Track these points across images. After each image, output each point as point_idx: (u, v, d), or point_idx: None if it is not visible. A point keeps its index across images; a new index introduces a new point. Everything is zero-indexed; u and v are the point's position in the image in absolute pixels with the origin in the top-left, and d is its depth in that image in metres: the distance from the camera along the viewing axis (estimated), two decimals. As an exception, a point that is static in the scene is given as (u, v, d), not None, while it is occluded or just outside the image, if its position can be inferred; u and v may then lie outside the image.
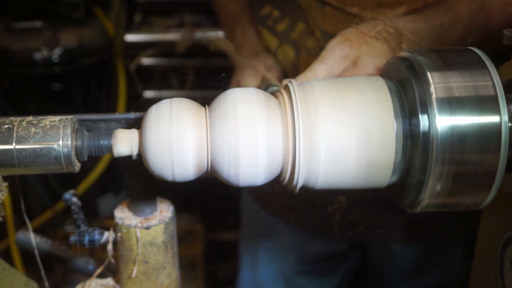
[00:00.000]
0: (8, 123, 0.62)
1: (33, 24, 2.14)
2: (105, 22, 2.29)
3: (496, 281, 0.74)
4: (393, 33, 0.79)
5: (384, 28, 0.79)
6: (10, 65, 2.10)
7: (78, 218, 0.80)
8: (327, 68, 0.75)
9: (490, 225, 0.77)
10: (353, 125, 0.59)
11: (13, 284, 0.76)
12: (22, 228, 0.85)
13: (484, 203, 0.61)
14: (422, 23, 0.82)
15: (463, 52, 0.61)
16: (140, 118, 0.66)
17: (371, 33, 0.78)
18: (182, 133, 0.60)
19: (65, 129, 0.62)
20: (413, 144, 0.59)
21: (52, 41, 2.10)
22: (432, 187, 0.58)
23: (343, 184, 0.62)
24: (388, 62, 0.68)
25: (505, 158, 0.57)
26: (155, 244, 0.77)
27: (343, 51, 0.77)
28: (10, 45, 2.10)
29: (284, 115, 0.62)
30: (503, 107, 0.56)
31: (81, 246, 0.78)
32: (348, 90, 0.61)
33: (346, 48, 0.77)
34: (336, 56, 0.76)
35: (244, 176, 0.61)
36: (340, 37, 0.78)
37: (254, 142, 0.59)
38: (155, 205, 0.79)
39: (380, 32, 0.79)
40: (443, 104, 0.56)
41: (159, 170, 0.61)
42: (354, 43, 0.77)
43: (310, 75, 0.74)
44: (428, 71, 0.58)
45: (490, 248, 0.76)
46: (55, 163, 0.62)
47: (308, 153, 0.60)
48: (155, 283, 0.79)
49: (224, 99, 0.62)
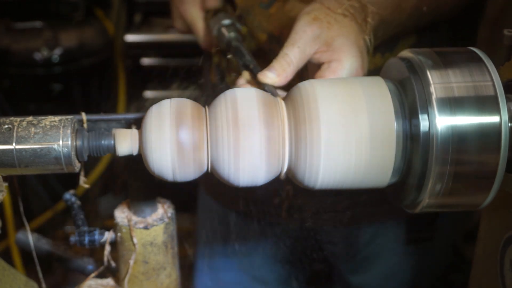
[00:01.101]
0: (8, 123, 0.62)
1: (33, 24, 2.14)
2: (105, 22, 2.29)
3: (496, 281, 0.74)
4: (357, 7, 0.77)
5: (350, 3, 0.77)
6: (10, 65, 2.11)
7: (78, 218, 0.80)
8: (300, 51, 0.73)
9: (490, 225, 0.77)
10: (353, 125, 0.59)
11: (13, 284, 0.76)
12: (22, 228, 0.85)
13: (484, 203, 0.61)
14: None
15: (463, 52, 0.61)
16: (140, 118, 0.66)
17: (338, 10, 0.76)
18: (182, 133, 0.60)
19: (65, 129, 0.62)
20: (413, 144, 0.59)
21: (52, 41, 2.10)
22: (432, 187, 0.58)
23: (343, 184, 0.62)
24: (388, 62, 0.68)
25: (505, 158, 0.57)
26: (155, 244, 0.77)
27: (313, 32, 0.74)
28: (10, 45, 2.10)
29: (283, 115, 0.62)
30: (503, 107, 0.56)
31: (81, 246, 0.78)
32: (348, 90, 0.61)
33: (316, 28, 0.74)
34: (308, 37, 0.73)
35: (244, 177, 0.61)
36: (307, 15, 0.75)
37: (254, 143, 0.59)
38: (155, 205, 0.79)
39: (347, 8, 0.77)
40: (443, 104, 0.57)
41: (159, 170, 0.61)
42: (324, 23, 0.74)
43: (285, 62, 0.72)
44: (428, 71, 0.58)
45: (490, 248, 0.76)
46: (55, 163, 0.62)
47: (307, 153, 0.60)
48: (155, 283, 0.79)
49: (224, 99, 0.62)
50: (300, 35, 0.73)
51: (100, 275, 0.84)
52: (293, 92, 0.64)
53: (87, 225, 0.80)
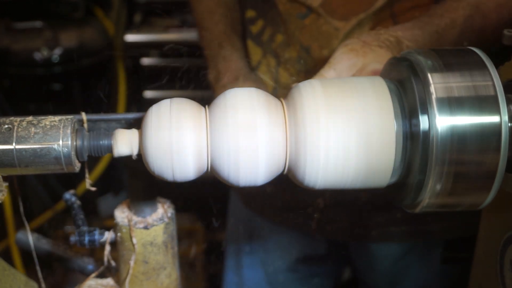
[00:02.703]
0: (8, 123, 0.62)
1: (33, 24, 2.14)
2: (105, 22, 2.29)
3: (496, 281, 0.74)
4: (393, 41, 0.81)
5: (385, 37, 0.81)
6: (10, 65, 2.11)
7: (78, 218, 0.80)
8: (335, 73, 0.77)
9: (490, 225, 0.77)
10: (353, 125, 0.59)
11: (13, 284, 0.76)
12: (22, 228, 0.85)
13: (484, 203, 0.61)
14: (418, 30, 0.84)
15: (463, 52, 0.61)
16: (140, 118, 0.66)
17: (374, 42, 0.80)
18: (182, 133, 0.60)
19: (65, 129, 0.62)
20: (413, 144, 0.59)
21: (52, 41, 2.10)
22: (432, 187, 0.58)
23: (343, 184, 0.62)
24: (388, 62, 0.68)
25: (505, 158, 0.57)
26: (155, 244, 0.77)
27: (350, 60, 0.78)
28: (10, 45, 2.10)
29: (284, 115, 0.62)
30: (503, 107, 0.56)
31: (81, 246, 0.78)
32: (348, 90, 0.61)
33: (353, 57, 0.78)
34: (344, 63, 0.78)
35: (244, 177, 0.61)
36: (344, 47, 0.79)
37: (254, 143, 0.59)
38: (155, 205, 0.79)
39: (383, 41, 0.80)
40: (443, 104, 0.56)
41: (159, 170, 0.61)
42: (360, 52, 0.78)
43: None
44: (428, 71, 0.58)
45: (490, 248, 0.76)
46: (55, 163, 0.62)
47: (307, 153, 0.60)
48: (155, 283, 0.79)
49: (224, 98, 0.62)
50: (337, 60, 0.78)
51: (100, 275, 0.84)
52: (293, 92, 0.64)
53: (87, 225, 0.80)
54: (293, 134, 0.61)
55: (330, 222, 1.17)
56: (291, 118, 0.61)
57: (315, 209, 1.16)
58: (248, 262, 1.36)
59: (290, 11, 1.03)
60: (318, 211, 1.16)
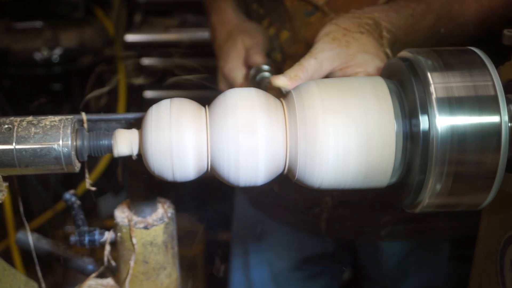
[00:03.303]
0: (8, 123, 0.62)
1: (33, 24, 2.14)
2: (105, 22, 2.29)
3: (496, 281, 0.74)
4: (371, 23, 0.79)
5: (363, 21, 0.79)
6: (10, 65, 2.11)
7: (78, 218, 0.80)
8: (316, 62, 0.74)
9: (490, 225, 0.77)
10: (353, 125, 0.59)
11: (13, 284, 0.76)
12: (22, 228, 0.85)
13: (484, 203, 0.61)
14: (393, 12, 0.82)
15: (463, 52, 0.61)
16: (140, 118, 0.66)
17: (355, 29, 0.78)
18: (182, 133, 0.60)
19: (65, 129, 0.62)
20: (413, 144, 0.59)
21: (52, 41, 2.10)
22: (432, 187, 0.58)
23: (343, 184, 0.62)
24: (389, 62, 0.68)
25: (505, 158, 0.57)
26: (155, 244, 0.77)
27: (332, 50, 0.76)
28: (10, 45, 2.10)
29: (284, 115, 0.62)
30: (503, 107, 0.56)
31: (81, 246, 0.78)
32: (348, 90, 0.61)
33: (335, 46, 0.76)
34: (326, 53, 0.75)
35: (244, 177, 0.61)
36: (326, 36, 0.77)
37: (254, 143, 0.59)
38: (155, 205, 0.79)
39: (362, 25, 0.78)
40: (443, 104, 0.57)
41: (159, 170, 0.61)
42: (342, 42, 0.76)
43: (299, 68, 0.73)
44: (428, 71, 0.58)
45: (490, 248, 0.76)
46: (55, 163, 0.62)
47: (307, 153, 0.60)
48: (155, 283, 0.79)
49: (224, 99, 0.62)
50: (319, 50, 0.75)
51: (100, 275, 0.84)
52: (293, 92, 0.64)
53: (87, 225, 0.80)
54: (293, 134, 0.61)
55: (338, 221, 1.17)
56: (291, 118, 0.61)
57: (324, 209, 1.16)
58: (255, 262, 1.35)
59: (297, 8, 1.03)
60: (326, 211, 1.16)
